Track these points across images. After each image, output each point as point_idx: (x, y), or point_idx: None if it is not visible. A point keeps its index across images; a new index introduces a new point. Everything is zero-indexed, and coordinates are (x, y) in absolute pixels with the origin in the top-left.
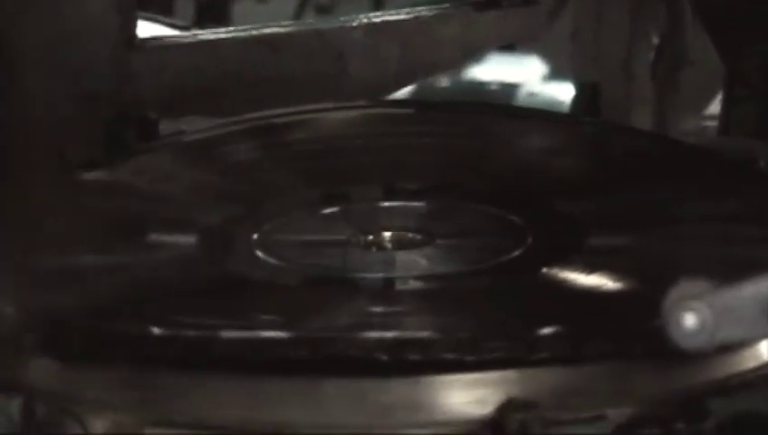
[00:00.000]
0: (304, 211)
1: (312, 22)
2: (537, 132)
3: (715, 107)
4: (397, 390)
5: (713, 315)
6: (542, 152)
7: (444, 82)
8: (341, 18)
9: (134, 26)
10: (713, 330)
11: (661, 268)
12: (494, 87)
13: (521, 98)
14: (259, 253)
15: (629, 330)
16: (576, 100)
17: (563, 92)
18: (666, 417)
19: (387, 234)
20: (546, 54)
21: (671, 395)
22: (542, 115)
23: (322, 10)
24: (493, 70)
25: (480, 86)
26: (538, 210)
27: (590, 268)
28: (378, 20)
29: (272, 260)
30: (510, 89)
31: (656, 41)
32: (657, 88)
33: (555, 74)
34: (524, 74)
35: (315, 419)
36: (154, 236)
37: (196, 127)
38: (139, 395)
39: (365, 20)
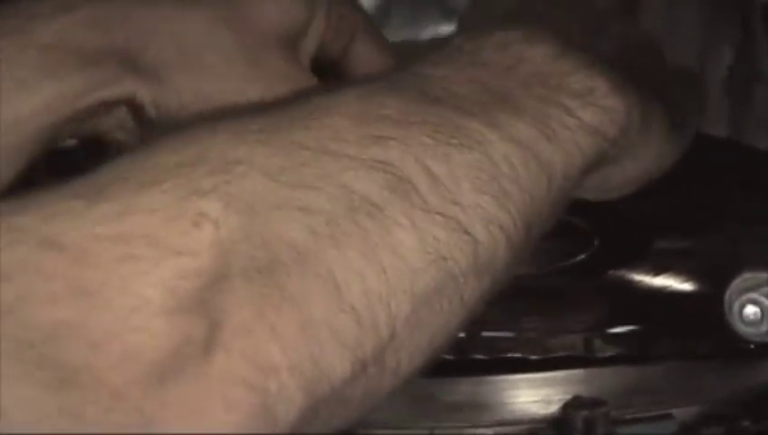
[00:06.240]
0: None
1: None
2: None
3: None
4: (463, 389)
5: None
6: None
7: None
8: None
9: None
10: None
11: (727, 270)
12: None
13: None
14: None
15: (695, 330)
16: None
17: None
18: (731, 415)
19: None
20: None
21: (736, 394)
22: None
23: None
24: None
25: None
26: (604, 214)
27: (656, 270)
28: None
29: None
30: None
31: (729, 57)
32: (730, 103)
33: None
34: None
35: (382, 418)
36: None
37: None
38: None
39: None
